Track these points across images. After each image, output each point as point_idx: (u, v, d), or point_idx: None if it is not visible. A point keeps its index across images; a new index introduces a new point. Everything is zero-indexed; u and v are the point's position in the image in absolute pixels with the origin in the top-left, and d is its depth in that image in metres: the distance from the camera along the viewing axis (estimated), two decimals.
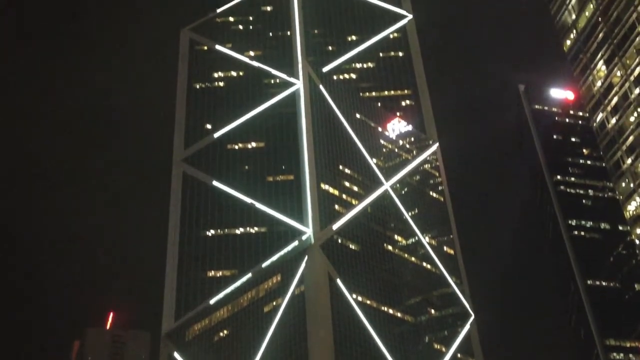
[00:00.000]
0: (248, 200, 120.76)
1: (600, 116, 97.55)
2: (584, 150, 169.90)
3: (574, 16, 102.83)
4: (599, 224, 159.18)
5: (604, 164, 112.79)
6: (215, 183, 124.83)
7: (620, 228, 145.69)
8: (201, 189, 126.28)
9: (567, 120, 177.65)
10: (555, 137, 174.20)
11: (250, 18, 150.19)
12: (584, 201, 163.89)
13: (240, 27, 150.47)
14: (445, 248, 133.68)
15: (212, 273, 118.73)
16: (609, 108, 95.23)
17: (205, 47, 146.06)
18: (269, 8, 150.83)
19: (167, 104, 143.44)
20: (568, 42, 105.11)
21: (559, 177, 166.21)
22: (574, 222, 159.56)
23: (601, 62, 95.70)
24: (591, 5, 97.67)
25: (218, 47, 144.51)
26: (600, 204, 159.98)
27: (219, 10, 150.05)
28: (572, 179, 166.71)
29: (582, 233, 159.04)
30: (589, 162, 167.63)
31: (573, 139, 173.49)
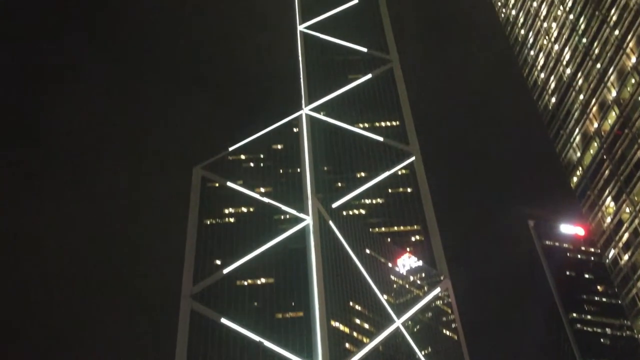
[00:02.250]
0: (256, 338, 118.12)
1: (612, 253, 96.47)
2: (599, 287, 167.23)
3: (578, 154, 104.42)
4: None
5: (619, 301, 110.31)
6: (223, 320, 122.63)
7: None
8: (209, 326, 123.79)
9: (579, 256, 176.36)
10: (568, 273, 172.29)
11: (262, 156, 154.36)
12: (602, 340, 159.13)
13: (252, 164, 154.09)
14: None
15: None
16: (620, 244, 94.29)
17: (217, 184, 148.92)
18: (279, 146, 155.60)
19: (177, 239, 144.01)
20: (575, 179, 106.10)
21: (574, 314, 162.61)
22: None
23: (609, 198, 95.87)
24: (595, 144, 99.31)
25: (229, 183, 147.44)
26: (619, 343, 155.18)
27: (231, 149, 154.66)
28: (589, 316, 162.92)
29: None
30: (604, 299, 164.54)
31: (587, 276, 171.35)
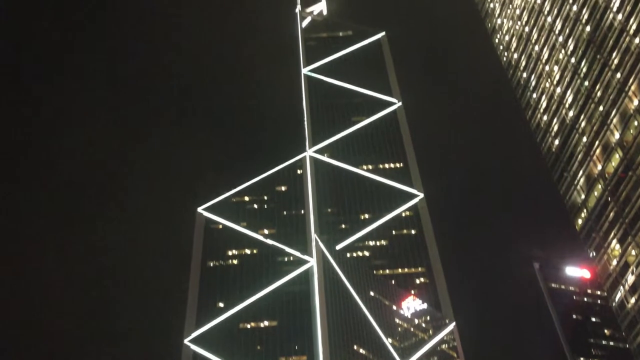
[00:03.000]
0: None
1: (618, 296, 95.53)
2: (606, 331, 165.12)
3: (583, 196, 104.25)
4: None
5: (627, 345, 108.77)
6: None
7: None
8: None
9: (585, 299, 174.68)
10: (574, 316, 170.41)
11: (265, 197, 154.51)
12: None
13: (255, 205, 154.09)
14: None
15: None
16: (626, 287, 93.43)
17: (220, 226, 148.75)
18: (283, 188, 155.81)
19: (180, 281, 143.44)
20: (580, 221, 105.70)
21: (582, 359, 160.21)
22: None
23: (614, 241, 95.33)
24: (599, 186, 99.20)
25: (233, 225, 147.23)
26: None
27: (234, 191, 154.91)
28: None
29: None
30: (611, 343, 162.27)
31: (593, 319, 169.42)
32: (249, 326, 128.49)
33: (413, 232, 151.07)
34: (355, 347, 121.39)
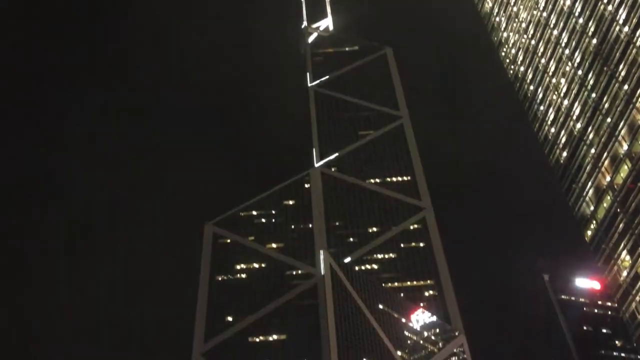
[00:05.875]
0: None
1: (629, 307, 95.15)
2: (617, 342, 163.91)
3: (592, 207, 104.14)
4: None
5: (638, 357, 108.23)
6: None
7: None
8: None
9: (596, 310, 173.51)
10: (585, 328, 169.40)
11: (273, 212, 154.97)
12: None
13: (263, 220, 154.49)
14: None
15: None
16: (637, 298, 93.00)
17: (228, 240, 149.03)
18: (291, 202, 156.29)
19: (188, 296, 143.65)
20: (589, 233, 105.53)
21: None
22: None
23: (624, 252, 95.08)
24: (609, 197, 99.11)
25: (241, 239, 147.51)
26: None
27: (242, 205, 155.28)
28: None
29: None
30: (623, 354, 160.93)
31: (604, 330, 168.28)
32: (257, 340, 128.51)
33: (421, 244, 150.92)
34: None
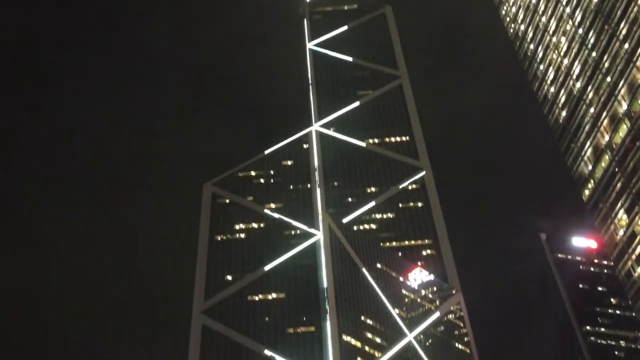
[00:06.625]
0: (268, 353, 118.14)
1: (625, 265, 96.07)
2: (612, 300, 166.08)
3: (590, 167, 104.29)
4: None
5: (633, 314, 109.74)
6: (234, 335, 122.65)
7: None
8: (220, 341, 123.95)
9: (592, 269, 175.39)
10: (581, 286, 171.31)
11: (272, 172, 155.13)
12: (616, 352, 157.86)
13: (262, 180, 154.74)
14: None
15: None
16: (633, 257, 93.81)
17: (227, 200, 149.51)
18: (289, 162, 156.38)
19: (188, 255, 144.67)
20: (587, 192, 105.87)
21: (588, 327, 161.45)
22: None
23: (621, 211, 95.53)
24: (607, 157, 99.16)
25: (239, 199, 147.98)
26: (634, 356, 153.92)
27: (241, 166, 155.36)
28: (602, 329, 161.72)
29: None
30: (618, 311, 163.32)
31: (600, 288, 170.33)
32: (257, 299, 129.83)
33: (419, 204, 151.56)
34: (362, 318, 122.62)
